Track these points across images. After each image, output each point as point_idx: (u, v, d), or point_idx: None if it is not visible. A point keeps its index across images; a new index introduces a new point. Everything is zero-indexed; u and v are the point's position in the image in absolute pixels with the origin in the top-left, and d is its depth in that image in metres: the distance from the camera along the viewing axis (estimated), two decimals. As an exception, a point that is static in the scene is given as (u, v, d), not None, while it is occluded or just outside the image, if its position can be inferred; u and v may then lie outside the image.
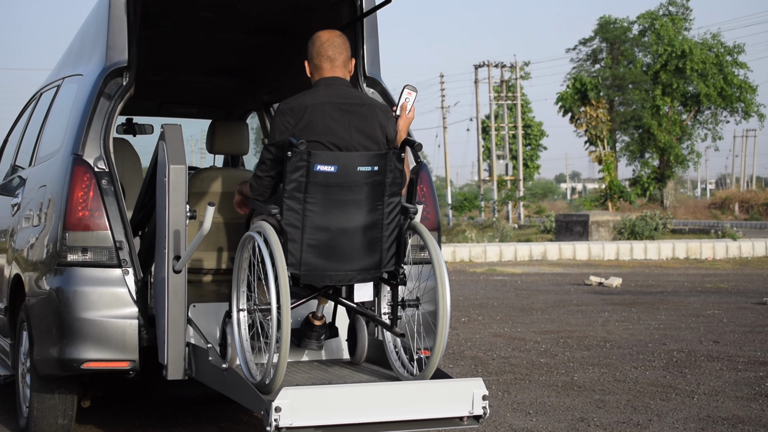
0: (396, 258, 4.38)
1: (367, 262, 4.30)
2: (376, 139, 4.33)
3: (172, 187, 4.44)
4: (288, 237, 4.14)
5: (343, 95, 4.35)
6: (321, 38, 4.44)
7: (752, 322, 10.72)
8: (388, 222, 4.31)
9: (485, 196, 47.70)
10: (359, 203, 4.22)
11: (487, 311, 11.95)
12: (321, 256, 4.20)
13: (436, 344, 4.21)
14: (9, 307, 5.64)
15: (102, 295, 4.67)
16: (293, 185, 4.13)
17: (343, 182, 4.17)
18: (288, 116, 4.26)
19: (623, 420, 5.88)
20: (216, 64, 7.03)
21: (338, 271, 4.25)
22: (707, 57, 48.12)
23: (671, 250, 23.65)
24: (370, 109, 4.37)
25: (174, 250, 4.45)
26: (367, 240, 4.27)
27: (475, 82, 49.68)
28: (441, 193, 49.78)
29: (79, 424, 5.62)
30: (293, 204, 4.14)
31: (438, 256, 4.24)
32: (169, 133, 4.52)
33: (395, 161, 4.27)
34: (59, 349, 4.67)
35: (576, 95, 45.68)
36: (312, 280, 4.26)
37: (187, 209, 4.48)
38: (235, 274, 4.36)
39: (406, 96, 4.66)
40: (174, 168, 4.44)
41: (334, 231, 4.20)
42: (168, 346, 4.49)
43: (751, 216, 49.01)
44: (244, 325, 4.32)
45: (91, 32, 5.42)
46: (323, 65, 4.41)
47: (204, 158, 61.36)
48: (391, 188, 4.28)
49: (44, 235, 4.91)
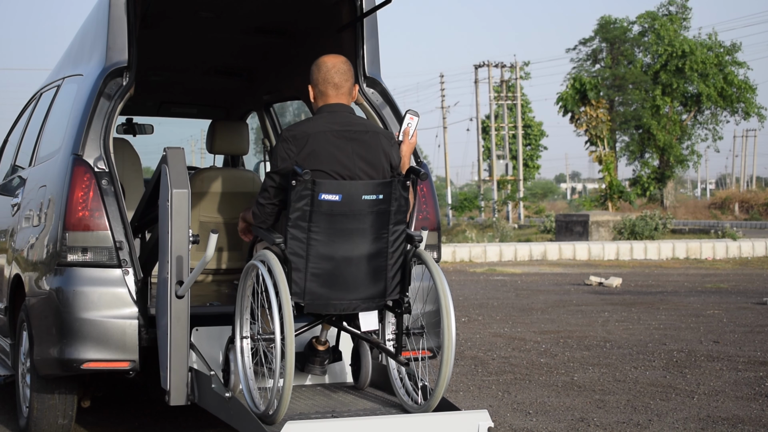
0: (401, 286, 4.32)
1: (372, 290, 4.25)
2: (380, 166, 4.29)
3: (175, 212, 4.38)
4: (292, 266, 4.10)
5: (347, 122, 4.30)
6: (327, 64, 4.39)
7: (752, 322, 10.72)
8: (393, 250, 4.26)
9: (485, 196, 47.70)
10: (364, 232, 4.17)
11: (487, 311, 11.95)
12: (325, 285, 4.16)
13: (441, 374, 4.18)
14: (9, 307, 5.63)
15: (102, 295, 4.66)
16: (297, 214, 4.08)
17: (347, 211, 4.12)
18: (291, 144, 4.21)
19: (623, 420, 5.88)
20: (216, 64, 7.03)
21: (342, 300, 4.21)
22: (707, 57, 48.12)
23: (671, 250, 23.65)
24: (374, 136, 4.32)
25: (177, 275, 4.40)
26: (372, 269, 4.22)
27: (475, 82, 49.68)
28: (441, 193, 49.77)
29: (79, 424, 5.62)
30: (297, 233, 4.10)
31: (443, 286, 4.19)
32: (172, 156, 4.46)
33: (400, 189, 4.22)
34: (59, 349, 4.67)
35: (576, 95, 45.70)
36: (316, 309, 4.22)
37: (190, 234, 4.42)
38: (239, 302, 4.32)
39: (408, 121, 4.65)
40: (177, 192, 4.38)
41: (338, 260, 4.15)
42: (170, 372, 4.44)
43: (751, 216, 49.01)
44: (248, 353, 4.30)
45: (91, 32, 5.42)
46: (329, 92, 4.36)
47: (204, 158, 61.34)
48: (396, 216, 4.23)
49: (44, 235, 4.91)
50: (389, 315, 4.54)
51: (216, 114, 8.04)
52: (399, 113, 5.43)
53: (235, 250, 6.21)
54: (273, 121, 7.53)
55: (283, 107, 22.15)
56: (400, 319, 4.38)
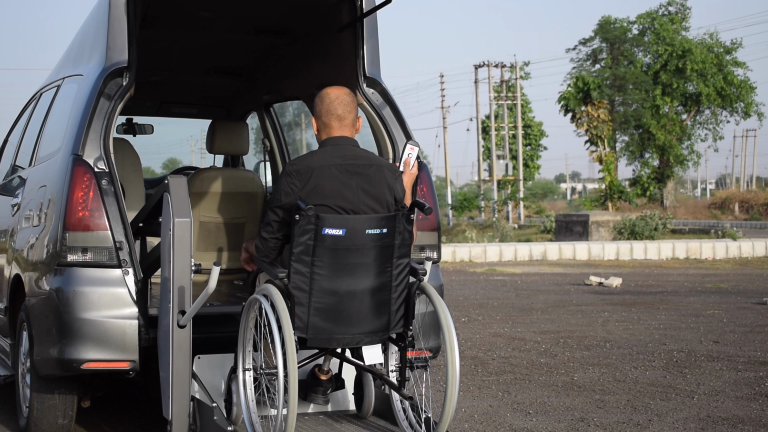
0: (404, 320, 4.31)
1: (376, 324, 4.22)
2: (384, 200, 4.26)
3: (177, 241, 4.35)
4: (295, 300, 4.08)
5: (351, 156, 4.26)
6: (330, 96, 4.34)
7: (752, 322, 10.72)
8: (397, 284, 4.24)
9: (485, 196, 47.69)
10: (367, 266, 4.15)
11: (487, 311, 11.95)
12: (329, 320, 4.13)
13: (445, 409, 4.15)
14: (9, 307, 5.63)
15: (102, 296, 4.65)
16: (301, 248, 4.06)
17: (351, 245, 4.09)
18: (294, 178, 4.17)
19: (623, 420, 5.88)
20: (216, 64, 7.03)
21: (346, 334, 4.19)
22: (707, 57, 48.12)
23: (671, 250, 23.65)
24: (378, 170, 4.28)
25: (179, 305, 4.37)
26: (376, 303, 4.20)
27: (475, 82, 49.68)
28: (441, 193, 49.76)
29: (79, 424, 5.62)
30: (301, 267, 4.07)
31: (447, 319, 4.18)
32: (174, 186, 4.43)
33: (404, 223, 4.20)
34: (59, 349, 4.66)
35: (578, 94, 45.70)
36: (319, 343, 4.20)
37: (192, 263, 4.39)
38: (241, 334, 4.32)
39: (409, 152, 4.62)
40: (179, 221, 4.35)
41: (342, 294, 4.13)
42: (172, 402, 4.41)
43: (751, 216, 49.01)
44: (250, 385, 4.30)
45: (91, 32, 5.41)
46: (332, 124, 4.32)
47: (204, 158, 61.37)
48: (400, 250, 4.22)
49: (44, 235, 4.90)
50: (392, 347, 4.51)
51: (216, 114, 8.03)
52: (399, 113, 5.42)
53: (235, 250, 6.21)
54: (273, 121, 7.53)
55: (283, 107, 22.15)
56: (404, 353, 4.35)
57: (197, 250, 6.10)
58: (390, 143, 5.35)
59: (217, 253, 6.24)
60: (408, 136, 5.35)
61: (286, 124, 27.74)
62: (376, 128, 5.41)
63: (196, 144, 70.52)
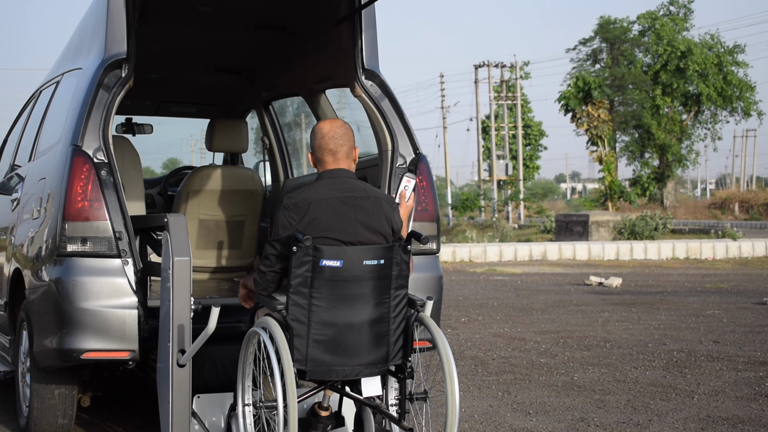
0: (403, 351, 4.30)
1: (374, 356, 4.22)
2: (381, 232, 4.26)
3: (176, 280, 4.34)
4: (294, 333, 4.08)
5: (348, 188, 4.26)
6: (322, 130, 4.34)
7: (752, 322, 10.72)
8: (395, 315, 4.24)
9: (485, 196, 47.69)
10: (366, 297, 4.15)
11: (487, 311, 11.95)
12: (327, 352, 4.13)
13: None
14: (9, 303, 5.63)
15: (102, 285, 4.64)
16: (299, 280, 4.05)
17: (349, 276, 4.09)
18: (292, 212, 4.17)
19: (623, 420, 5.87)
20: (214, 61, 7.02)
21: (345, 366, 4.18)
22: (707, 57, 48.13)
23: (671, 250, 23.65)
24: (376, 202, 4.29)
25: (178, 343, 4.36)
26: (374, 334, 4.19)
27: (475, 82, 49.68)
28: (441, 193, 49.76)
29: (79, 424, 5.61)
30: (299, 299, 4.07)
31: (446, 350, 4.17)
32: (173, 224, 4.43)
33: (401, 253, 4.20)
34: (59, 339, 4.65)
35: (579, 94, 45.70)
36: (318, 375, 4.19)
37: (192, 302, 4.38)
38: (241, 369, 4.31)
39: (405, 184, 4.61)
40: (178, 260, 4.34)
41: (340, 326, 4.12)
42: None
43: (751, 216, 49.02)
44: (250, 420, 4.29)
45: (90, 26, 5.42)
46: (326, 159, 4.32)
47: (204, 157, 61.39)
48: (398, 281, 4.22)
49: (44, 227, 4.90)
50: (392, 380, 4.50)
51: (215, 113, 8.02)
52: (398, 105, 5.39)
53: (235, 248, 6.21)
54: (272, 119, 7.52)
55: (283, 107, 22.14)
56: (403, 384, 4.35)
57: (197, 248, 6.09)
58: (389, 135, 5.31)
59: (217, 251, 6.23)
60: (407, 128, 5.32)
61: (285, 124, 27.67)
62: (375, 121, 5.37)
63: (196, 144, 70.57)
